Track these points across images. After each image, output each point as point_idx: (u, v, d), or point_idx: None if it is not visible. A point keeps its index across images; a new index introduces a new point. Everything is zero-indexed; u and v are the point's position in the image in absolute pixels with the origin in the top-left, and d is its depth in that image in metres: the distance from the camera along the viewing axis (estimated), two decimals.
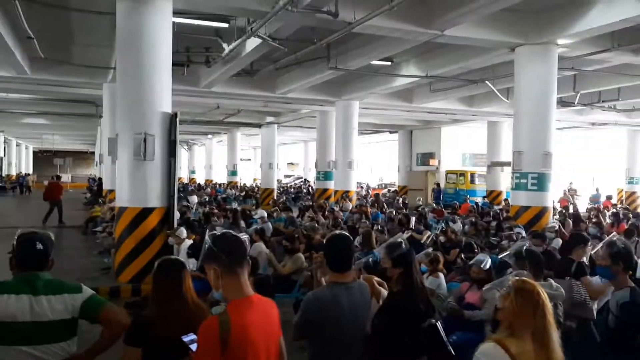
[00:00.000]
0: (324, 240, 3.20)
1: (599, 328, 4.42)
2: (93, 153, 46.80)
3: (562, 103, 16.81)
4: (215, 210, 12.92)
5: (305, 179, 41.38)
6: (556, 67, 11.29)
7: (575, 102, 17.08)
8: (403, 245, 3.46)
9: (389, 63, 14.67)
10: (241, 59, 12.67)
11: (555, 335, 2.36)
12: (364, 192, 26.85)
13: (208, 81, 15.80)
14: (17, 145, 50.26)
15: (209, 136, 37.84)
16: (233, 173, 32.91)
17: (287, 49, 11.58)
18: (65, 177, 52.68)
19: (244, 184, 35.56)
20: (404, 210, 14.15)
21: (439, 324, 3.20)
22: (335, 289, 3.04)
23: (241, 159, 35.46)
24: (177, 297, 2.96)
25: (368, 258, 5.20)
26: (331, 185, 20.49)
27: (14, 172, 44.54)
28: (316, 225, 9.45)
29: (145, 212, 8.71)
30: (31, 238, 2.90)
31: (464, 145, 27.54)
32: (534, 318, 2.34)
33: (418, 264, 3.96)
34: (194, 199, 18.53)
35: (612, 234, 5.71)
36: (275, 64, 13.93)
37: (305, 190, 28.76)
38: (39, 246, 2.86)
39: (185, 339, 2.49)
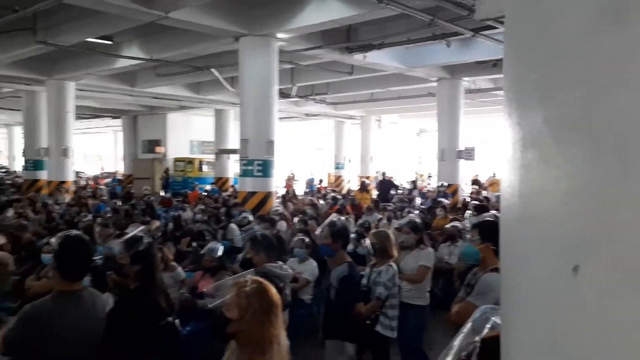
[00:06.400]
0: (58, 243, 2.69)
1: (317, 300, 4.87)
2: None
3: (282, 94, 18.10)
4: None
5: (8, 169, 35.91)
6: (277, 60, 11.99)
7: (293, 94, 18.59)
8: (144, 240, 3.19)
9: (109, 42, 13.58)
10: None
11: (284, 337, 2.26)
12: (83, 182, 24.62)
13: None
14: None
15: None
16: None
17: None
18: None
19: None
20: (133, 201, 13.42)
21: (176, 322, 3.06)
22: (62, 299, 2.62)
23: None
24: None
25: (95, 257, 4.69)
26: (43, 175, 18.16)
27: None
28: (24, 222, 8.20)
29: None
30: None
31: (191, 133, 27.50)
32: (276, 323, 2.20)
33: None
34: None
35: (331, 215, 6.36)
36: None
37: (9, 182, 24.88)
38: None
39: None
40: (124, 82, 18.59)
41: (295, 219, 9.73)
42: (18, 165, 30.15)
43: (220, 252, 5.27)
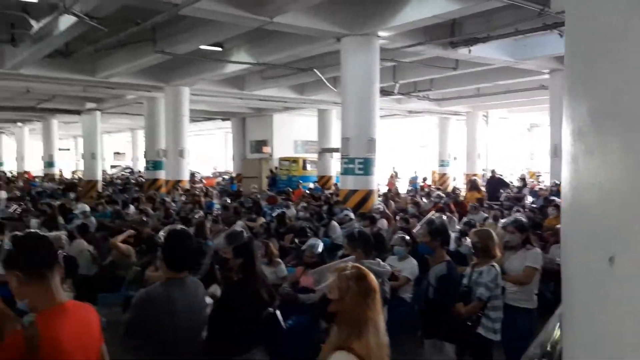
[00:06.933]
0: (163, 236, 2.95)
1: (418, 299, 4.82)
2: None
3: (384, 92, 18.05)
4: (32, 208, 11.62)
5: (132, 170, 39.08)
6: (378, 58, 12.00)
7: (395, 92, 18.46)
8: (244, 234, 3.38)
9: (219, 49, 14.36)
10: (53, 38, 11.38)
11: (382, 321, 2.34)
12: (197, 183, 26.18)
13: (15, 62, 13.97)
14: None
15: (19, 124, 33.74)
16: (50, 164, 29.80)
17: (108, 29, 10.69)
18: None
19: (62, 176, 32.49)
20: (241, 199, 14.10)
21: (277, 313, 3.19)
22: (170, 286, 2.86)
23: (60, 149, 32.28)
24: None
25: None
26: (162, 175, 19.59)
27: None
28: (144, 218, 8.92)
29: None
30: None
31: (296, 133, 28.24)
32: (373, 306, 2.29)
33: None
34: (2, 194, 16.41)
35: (430, 213, 6.27)
36: (95, 46, 12.79)
37: (133, 181, 27.12)
38: None
39: None
40: (233, 85, 19.54)
41: (397, 217, 9.68)
42: (141, 165, 32.69)
43: (320, 249, 5.40)
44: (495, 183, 18.10)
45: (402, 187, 23.25)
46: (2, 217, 10.63)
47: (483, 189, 16.92)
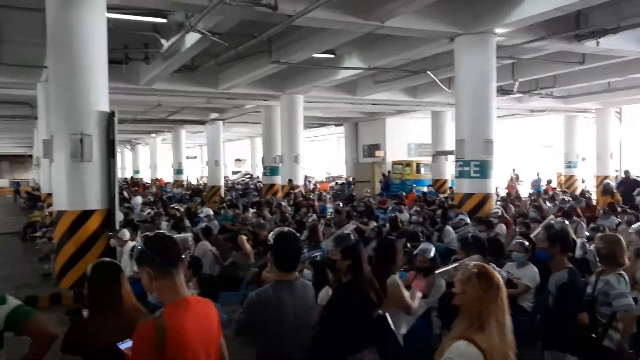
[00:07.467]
0: (272, 238, 3.08)
1: (539, 308, 4.56)
2: (31, 156, 44.84)
3: (502, 91, 17.29)
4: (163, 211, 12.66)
5: (251, 175, 41.02)
6: (495, 56, 11.55)
7: (514, 90, 17.61)
8: (351, 236, 3.43)
9: (331, 55, 14.66)
10: (181, 54, 12.34)
11: (509, 320, 2.36)
12: (311, 186, 26.84)
13: (148, 78, 15.33)
14: None
15: (152, 135, 36.89)
16: (179, 171, 32.25)
17: (228, 43, 11.37)
18: (2, 182, 50.44)
19: (189, 182, 34.92)
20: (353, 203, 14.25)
21: (387, 315, 3.20)
22: (279, 288, 2.97)
23: (187, 157, 34.77)
24: (113, 301, 2.84)
25: (315, 253, 5.15)
26: (278, 180, 20.35)
27: None
28: (262, 221, 9.33)
29: (85, 215, 8.37)
30: None
31: (409, 136, 27.94)
32: (496, 303, 2.31)
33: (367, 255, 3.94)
34: (139, 199, 18.01)
35: (549, 217, 5.90)
36: (217, 59, 13.66)
37: (252, 186, 28.45)
38: None
39: (122, 345, 2.38)
40: (345, 91, 19.82)
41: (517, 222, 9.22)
42: (259, 171, 34.22)
43: (432, 253, 5.30)
44: (630, 184, 16.58)
45: (524, 191, 22.05)
46: (138, 220, 11.70)
47: (617, 193, 15.53)
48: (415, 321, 4.85)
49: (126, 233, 7.93)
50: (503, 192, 18.26)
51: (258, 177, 34.08)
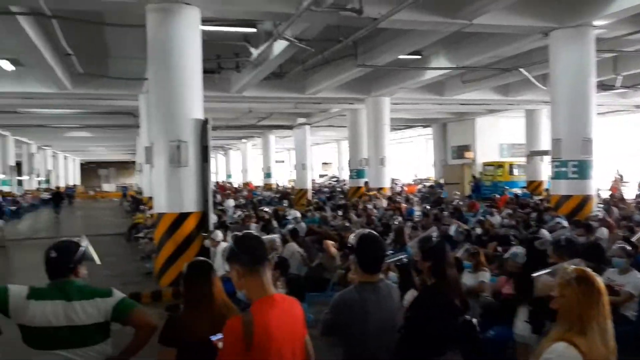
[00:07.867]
0: (354, 241, 3.11)
1: None
2: (134, 162, 48.14)
3: (603, 87, 16.25)
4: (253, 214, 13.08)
5: (338, 178, 41.32)
6: (594, 50, 10.90)
7: (617, 85, 16.47)
8: (434, 238, 3.40)
9: (418, 57, 14.49)
10: (270, 62, 12.74)
11: (611, 325, 2.29)
12: (398, 189, 26.59)
13: (239, 86, 15.96)
14: (64, 158, 52.23)
15: (244, 140, 38.25)
16: (268, 175, 33.16)
17: (314, 49, 11.58)
18: (109, 187, 54.55)
19: (278, 185, 35.81)
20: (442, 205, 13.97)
21: (474, 321, 3.13)
22: (363, 289, 3.00)
23: (276, 161, 35.69)
24: (206, 298, 3.01)
25: (400, 256, 5.12)
26: (364, 183, 20.39)
27: (62, 184, 45.94)
28: (348, 224, 9.39)
29: (182, 217, 8.84)
30: (50, 247, 3.00)
31: (500, 136, 26.93)
32: (597, 308, 2.26)
33: (453, 259, 3.88)
34: (231, 202, 18.75)
35: None
36: (304, 65, 13.95)
37: (339, 189, 28.66)
38: (53, 254, 2.95)
39: (214, 338, 2.52)
40: (432, 92, 19.49)
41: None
42: (345, 174, 34.45)
43: (523, 258, 5.10)
44: None
45: (630, 192, 20.52)
46: (230, 222, 12.19)
47: None
48: (504, 327, 4.70)
49: (219, 234, 8.29)
50: (606, 194, 17.11)
51: (344, 180, 34.28)
